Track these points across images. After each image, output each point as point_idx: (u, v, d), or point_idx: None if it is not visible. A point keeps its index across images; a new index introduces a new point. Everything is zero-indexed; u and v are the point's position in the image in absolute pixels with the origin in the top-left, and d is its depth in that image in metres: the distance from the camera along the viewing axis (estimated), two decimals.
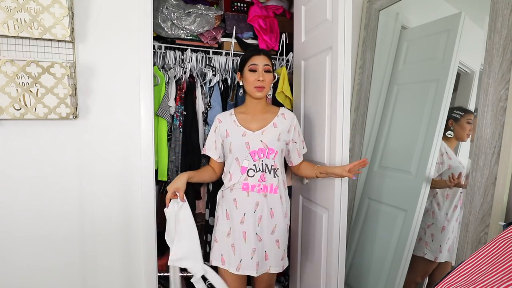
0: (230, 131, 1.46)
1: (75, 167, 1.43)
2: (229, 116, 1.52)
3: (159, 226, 1.63)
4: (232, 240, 1.43)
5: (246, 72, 1.44)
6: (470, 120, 1.51)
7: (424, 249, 1.63)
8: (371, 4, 1.91)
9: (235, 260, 1.42)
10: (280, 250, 1.46)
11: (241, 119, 1.49)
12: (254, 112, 1.49)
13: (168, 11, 1.94)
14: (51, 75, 1.31)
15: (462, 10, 1.52)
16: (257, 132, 1.45)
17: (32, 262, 1.40)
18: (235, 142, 1.44)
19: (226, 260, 1.43)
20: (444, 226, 1.58)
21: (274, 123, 1.47)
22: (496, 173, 1.15)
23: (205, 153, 1.56)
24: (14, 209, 1.35)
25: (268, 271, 1.45)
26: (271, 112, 1.51)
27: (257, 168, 1.42)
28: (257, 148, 1.42)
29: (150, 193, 1.54)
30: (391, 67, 1.86)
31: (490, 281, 0.57)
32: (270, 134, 1.44)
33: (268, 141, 1.42)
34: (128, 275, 1.56)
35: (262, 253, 1.43)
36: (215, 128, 1.52)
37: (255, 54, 1.44)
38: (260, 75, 1.41)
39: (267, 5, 2.22)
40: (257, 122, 1.47)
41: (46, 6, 1.27)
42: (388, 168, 1.81)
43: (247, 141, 1.42)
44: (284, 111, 1.52)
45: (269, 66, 1.45)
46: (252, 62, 1.43)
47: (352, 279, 1.92)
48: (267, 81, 1.44)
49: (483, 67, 1.23)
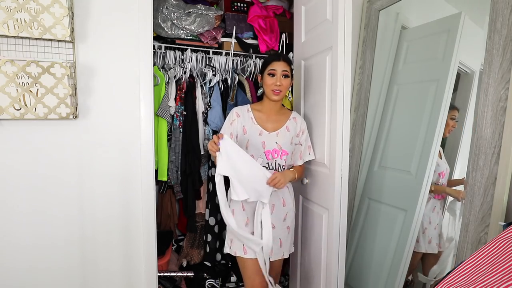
0: (248, 129, 1.52)
1: (75, 167, 1.43)
2: (247, 112, 1.56)
3: (159, 226, 1.63)
4: (251, 229, 1.49)
5: (266, 76, 1.52)
6: (454, 116, 1.54)
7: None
8: (371, 4, 1.91)
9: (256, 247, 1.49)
10: (290, 235, 1.59)
11: (258, 117, 1.55)
12: (270, 113, 1.57)
13: (168, 11, 1.94)
14: (51, 75, 1.31)
15: (462, 10, 1.52)
16: (273, 133, 1.53)
17: (32, 261, 1.39)
18: (252, 140, 1.50)
19: (247, 249, 1.48)
20: (430, 217, 1.62)
21: (287, 126, 1.56)
22: (496, 173, 1.15)
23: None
24: (14, 209, 1.35)
25: (282, 257, 1.57)
26: (284, 115, 1.60)
27: (270, 166, 1.50)
28: (271, 148, 1.50)
29: (150, 193, 1.54)
30: (391, 67, 1.86)
31: (490, 281, 0.57)
32: (285, 137, 1.53)
33: (283, 144, 1.52)
34: (128, 275, 1.56)
35: (277, 240, 1.52)
36: (231, 121, 1.55)
37: (276, 59, 1.51)
38: (278, 80, 1.49)
39: (267, 5, 2.22)
40: (272, 123, 1.55)
41: (46, 6, 1.27)
42: (388, 168, 1.81)
43: (263, 141, 1.51)
44: (296, 116, 1.62)
45: (288, 71, 1.51)
46: (271, 67, 1.50)
47: (352, 279, 1.92)
48: (284, 86, 1.51)
49: (483, 67, 1.23)
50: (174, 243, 2.33)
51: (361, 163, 1.95)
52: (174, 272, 2.02)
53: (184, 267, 2.10)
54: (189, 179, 1.98)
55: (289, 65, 1.53)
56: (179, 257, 2.19)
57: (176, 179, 2.03)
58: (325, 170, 1.56)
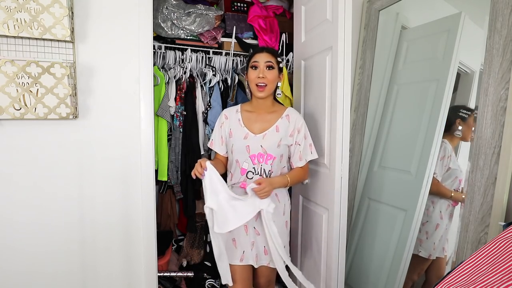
0: (234, 132, 1.45)
1: (75, 167, 1.43)
2: (235, 113, 1.49)
3: (159, 226, 1.63)
4: (232, 235, 1.43)
5: (249, 70, 1.43)
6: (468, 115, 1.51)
7: (418, 247, 1.63)
8: (371, 4, 1.91)
9: (237, 252, 1.44)
10: (277, 243, 1.41)
11: (246, 118, 1.47)
12: (260, 112, 1.47)
13: (168, 11, 1.94)
14: (51, 75, 1.31)
15: (462, 10, 1.52)
16: (259, 135, 1.42)
17: (32, 261, 1.39)
18: (236, 144, 1.43)
19: (229, 255, 1.43)
20: (438, 224, 1.59)
21: (277, 126, 1.44)
22: (496, 173, 1.15)
23: (211, 147, 1.54)
24: (13, 209, 1.35)
25: (268, 265, 1.46)
26: (277, 112, 1.48)
27: (256, 171, 1.42)
28: (256, 152, 1.41)
29: (150, 193, 1.54)
30: (391, 67, 1.86)
31: (490, 281, 0.57)
32: (271, 140, 1.41)
33: (268, 147, 1.41)
34: (128, 275, 1.56)
35: (261, 247, 1.45)
36: (220, 124, 1.50)
37: (258, 51, 1.43)
38: (261, 72, 1.38)
39: (267, 5, 2.22)
40: (261, 123, 1.45)
41: (46, 6, 1.27)
42: (388, 168, 1.81)
43: (248, 145, 1.42)
44: (290, 112, 1.47)
45: (272, 62, 1.40)
46: (254, 59, 1.42)
47: (352, 279, 1.92)
48: (269, 78, 1.39)
49: (483, 67, 1.23)
50: (174, 243, 2.33)
51: (361, 163, 1.95)
52: (174, 272, 2.02)
53: (184, 267, 2.10)
54: (189, 179, 1.98)
55: (274, 57, 1.42)
56: (179, 257, 2.19)
57: (176, 179, 2.03)
58: (325, 170, 1.56)
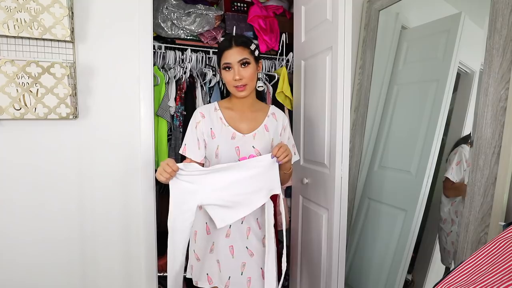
0: (217, 132, 1.22)
1: (75, 167, 1.43)
2: (214, 111, 1.26)
3: (159, 226, 1.63)
4: (216, 256, 1.25)
5: (222, 72, 1.21)
6: None
7: (448, 259, 1.54)
8: (371, 4, 1.91)
9: (223, 277, 1.24)
10: (256, 262, 1.26)
11: (228, 116, 1.25)
12: (242, 110, 1.27)
13: (168, 11, 1.94)
14: (51, 75, 1.31)
15: (462, 10, 1.52)
16: (249, 135, 1.23)
17: (31, 261, 1.39)
18: (223, 146, 1.21)
19: (212, 278, 1.26)
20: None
21: (265, 125, 1.27)
22: (496, 173, 1.15)
23: (184, 153, 1.25)
24: (13, 209, 1.35)
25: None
26: (261, 110, 1.30)
27: None
28: (248, 155, 1.21)
29: (150, 193, 1.54)
30: (391, 67, 1.86)
31: (490, 281, 0.57)
32: (264, 140, 1.24)
33: (262, 148, 1.22)
34: (128, 275, 1.56)
35: (257, 269, 1.25)
36: (196, 124, 1.24)
37: (227, 47, 1.18)
38: (236, 73, 1.16)
39: (267, 5, 2.22)
40: (247, 122, 1.26)
41: (46, 6, 1.27)
42: (388, 168, 1.81)
43: (237, 146, 1.21)
44: (275, 111, 1.33)
45: (247, 58, 1.17)
46: (224, 60, 1.18)
47: (352, 279, 1.92)
48: (247, 77, 1.17)
49: (483, 67, 1.23)
50: None
51: (361, 163, 1.95)
52: None
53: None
54: None
55: (247, 48, 1.18)
56: None
57: None
58: (325, 170, 1.56)
